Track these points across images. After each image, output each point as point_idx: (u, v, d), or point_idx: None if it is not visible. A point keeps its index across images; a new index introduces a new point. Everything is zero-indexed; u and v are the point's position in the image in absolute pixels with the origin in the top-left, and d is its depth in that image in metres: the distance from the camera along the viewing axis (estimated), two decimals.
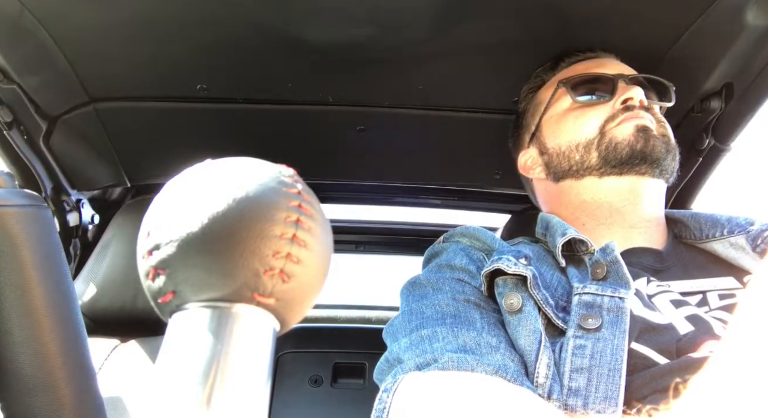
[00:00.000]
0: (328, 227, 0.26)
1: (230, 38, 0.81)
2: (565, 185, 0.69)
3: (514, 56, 0.79)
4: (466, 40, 0.78)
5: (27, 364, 0.38)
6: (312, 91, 0.93)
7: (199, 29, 0.79)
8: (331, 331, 1.06)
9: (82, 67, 0.88)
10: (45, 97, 0.92)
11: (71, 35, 0.81)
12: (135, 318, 0.88)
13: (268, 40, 0.81)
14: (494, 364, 0.45)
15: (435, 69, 0.85)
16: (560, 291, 0.55)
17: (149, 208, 0.24)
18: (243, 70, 0.89)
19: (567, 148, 0.67)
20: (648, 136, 0.62)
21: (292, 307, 0.23)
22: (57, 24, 0.78)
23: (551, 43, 0.76)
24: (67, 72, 0.87)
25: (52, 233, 0.42)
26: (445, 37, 0.77)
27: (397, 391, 0.42)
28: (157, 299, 0.22)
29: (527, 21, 0.73)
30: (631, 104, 0.64)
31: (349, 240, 1.37)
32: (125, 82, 0.91)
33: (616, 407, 0.44)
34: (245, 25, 0.78)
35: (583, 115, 0.67)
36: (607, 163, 0.63)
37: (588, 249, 0.61)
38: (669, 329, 0.49)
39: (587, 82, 0.68)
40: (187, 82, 0.90)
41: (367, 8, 0.72)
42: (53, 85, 0.89)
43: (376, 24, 0.76)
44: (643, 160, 0.61)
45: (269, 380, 0.22)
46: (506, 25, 0.74)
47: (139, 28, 0.78)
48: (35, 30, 0.78)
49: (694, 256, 0.62)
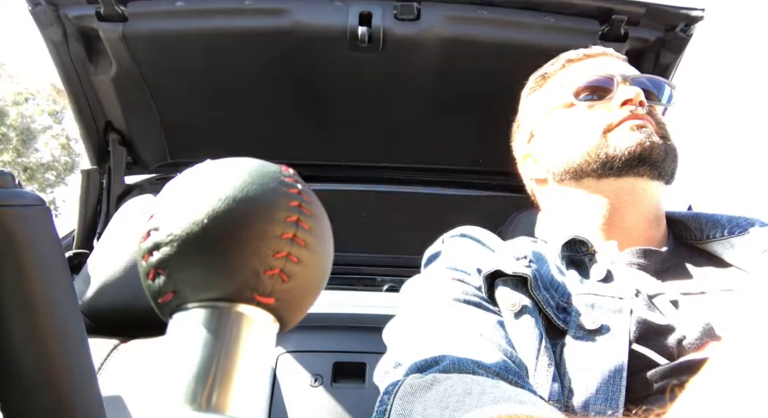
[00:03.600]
0: (328, 227, 0.26)
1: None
2: (565, 187, 0.68)
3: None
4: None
5: (27, 364, 0.38)
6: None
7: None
8: (331, 331, 1.06)
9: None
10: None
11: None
12: (135, 318, 0.88)
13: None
14: (495, 365, 0.45)
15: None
16: (561, 292, 0.55)
17: (150, 207, 0.24)
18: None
19: (566, 150, 0.67)
20: (647, 138, 0.61)
21: (292, 307, 0.23)
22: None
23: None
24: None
25: (52, 233, 0.42)
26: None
27: (397, 393, 0.42)
28: (157, 299, 0.22)
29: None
30: (631, 105, 0.64)
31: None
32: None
33: (617, 409, 0.44)
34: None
35: (583, 117, 0.66)
36: (606, 166, 0.63)
37: (588, 250, 0.61)
38: (669, 330, 0.49)
39: (587, 83, 0.68)
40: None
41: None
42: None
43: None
44: (642, 162, 0.61)
45: (269, 380, 0.22)
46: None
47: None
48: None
49: (695, 256, 0.62)
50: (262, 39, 1.13)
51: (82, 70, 1.18)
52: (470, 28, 1.11)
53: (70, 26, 1.11)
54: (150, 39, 1.13)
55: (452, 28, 1.11)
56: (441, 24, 1.10)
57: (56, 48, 1.13)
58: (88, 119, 1.26)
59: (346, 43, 1.10)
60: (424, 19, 1.09)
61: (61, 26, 1.11)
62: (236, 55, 1.17)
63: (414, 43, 1.11)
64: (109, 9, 1.07)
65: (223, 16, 1.10)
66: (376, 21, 1.08)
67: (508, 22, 1.12)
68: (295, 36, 1.11)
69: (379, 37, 1.09)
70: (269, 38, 1.12)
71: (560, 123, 0.69)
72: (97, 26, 1.10)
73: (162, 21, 1.10)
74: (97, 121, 1.28)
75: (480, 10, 1.10)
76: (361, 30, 1.08)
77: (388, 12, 1.09)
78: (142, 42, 1.13)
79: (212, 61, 1.19)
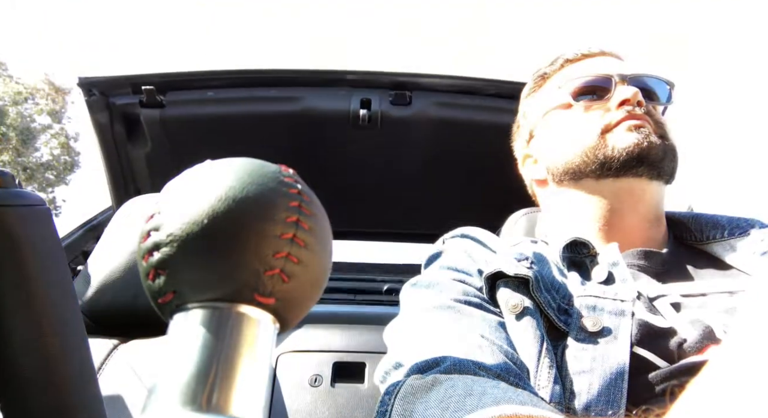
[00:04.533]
0: (328, 228, 0.26)
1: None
2: (565, 187, 0.68)
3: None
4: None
5: (27, 364, 0.38)
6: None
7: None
8: (331, 331, 1.06)
9: None
10: None
11: None
12: (135, 318, 0.88)
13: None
14: (496, 367, 0.45)
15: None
16: (562, 293, 0.55)
17: (149, 207, 0.24)
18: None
19: (565, 151, 0.67)
20: (645, 139, 0.61)
21: (292, 307, 0.23)
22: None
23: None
24: None
25: (52, 233, 0.42)
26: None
27: (398, 394, 0.42)
28: (158, 299, 0.22)
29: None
30: (629, 105, 0.63)
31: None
32: None
33: (618, 411, 0.44)
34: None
35: (582, 118, 0.66)
36: (605, 167, 0.62)
37: (590, 251, 0.61)
38: (670, 332, 0.49)
39: (584, 83, 0.68)
40: None
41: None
42: None
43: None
44: (640, 162, 0.61)
45: (269, 380, 0.22)
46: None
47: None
48: None
49: (695, 258, 0.62)
50: (276, 120, 1.34)
51: (121, 147, 1.38)
52: (454, 111, 1.34)
53: (116, 111, 1.32)
54: (183, 122, 1.33)
55: (439, 112, 1.33)
56: (430, 108, 1.33)
57: (101, 129, 1.33)
58: (120, 187, 1.45)
59: (348, 123, 1.32)
60: (415, 104, 1.33)
61: (108, 111, 1.31)
62: (253, 133, 1.38)
63: (407, 124, 1.34)
64: (151, 98, 1.27)
65: (246, 103, 1.32)
66: (374, 106, 1.31)
67: (487, 106, 1.33)
68: (306, 117, 1.32)
69: (377, 119, 1.32)
70: (283, 120, 1.34)
71: (558, 124, 0.69)
72: (138, 111, 1.30)
73: (195, 107, 1.32)
74: (128, 188, 1.46)
75: (462, 98, 1.33)
76: (362, 113, 1.30)
77: (384, 98, 1.32)
78: (176, 125, 1.33)
79: (232, 138, 1.39)
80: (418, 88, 1.32)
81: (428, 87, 1.32)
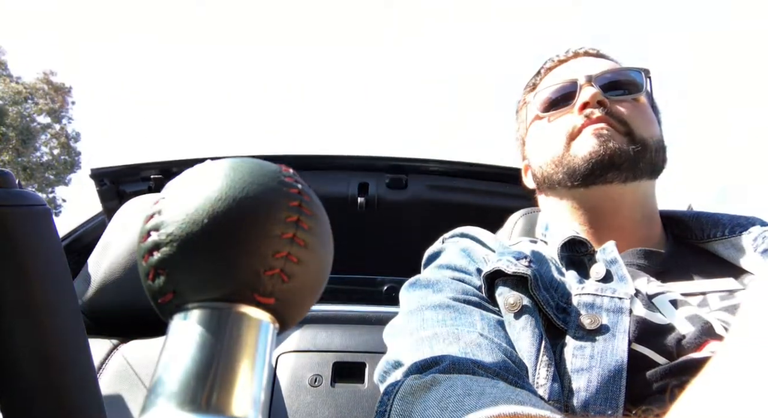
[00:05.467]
0: (328, 227, 0.26)
1: None
2: (552, 194, 0.70)
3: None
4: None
5: (27, 364, 0.38)
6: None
7: None
8: (331, 331, 1.06)
9: None
10: None
11: None
12: (135, 318, 0.88)
13: None
14: (495, 365, 0.45)
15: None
16: (560, 292, 0.55)
17: (149, 208, 0.24)
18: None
19: (541, 162, 0.68)
20: (602, 145, 0.59)
21: (292, 307, 0.23)
22: None
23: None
24: None
25: (52, 233, 0.42)
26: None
27: (397, 394, 0.42)
28: (157, 299, 0.22)
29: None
30: (589, 108, 0.62)
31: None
32: None
33: (616, 409, 0.44)
34: None
35: (549, 128, 0.67)
36: (572, 177, 0.62)
37: (588, 250, 0.61)
38: (668, 328, 0.49)
39: (551, 93, 0.68)
40: None
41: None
42: None
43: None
44: (605, 170, 0.60)
45: (269, 380, 0.22)
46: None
47: None
48: None
49: (696, 256, 0.62)
50: None
51: None
52: (447, 193, 1.42)
53: (126, 197, 1.35)
54: None
55: (433, 194, 1.41)
56: (424, 191, 1.41)
57: (112, 215, 1.40)
58: None
59: (347, 207, 1.37)
60: (410, 187, 1.40)
61: (119, 198, 1.37)
62: None
63: (402, 206, 1.42)
64: (159, 186, 1.30)
65: None
66: (371, 190, 1.38)
67: (477, 189, 1.41)
68: None
69: (374, 203, 1.38)
70: None
71: (534, 133, 0.71)
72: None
73: None
74: None
75: (454, 181, 1.41)
76: (360, 199, 1.36)
77: (381, 182, 1.39)
78: None
79: None
80: (415, 171, 1.40)
81: (424, 170, 1.39)
